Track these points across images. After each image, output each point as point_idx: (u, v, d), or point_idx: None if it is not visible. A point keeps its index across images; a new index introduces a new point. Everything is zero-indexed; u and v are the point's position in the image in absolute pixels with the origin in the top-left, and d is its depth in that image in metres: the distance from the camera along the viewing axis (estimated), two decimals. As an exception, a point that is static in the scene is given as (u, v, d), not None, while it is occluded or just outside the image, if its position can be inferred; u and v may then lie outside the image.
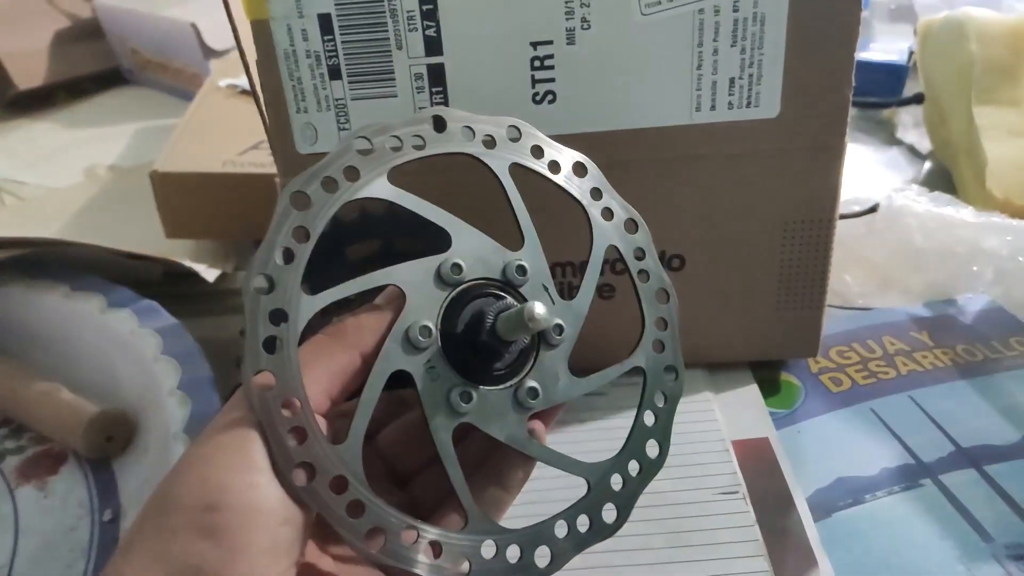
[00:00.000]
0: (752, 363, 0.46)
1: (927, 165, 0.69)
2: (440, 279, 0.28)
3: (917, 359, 0.46)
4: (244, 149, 0.60)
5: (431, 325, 0.27)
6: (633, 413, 0.32)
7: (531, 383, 0.29)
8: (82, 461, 0.45)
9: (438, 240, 0.28)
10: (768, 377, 0.45)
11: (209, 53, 0.80)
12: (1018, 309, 0.50)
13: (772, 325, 0.43)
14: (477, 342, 0.27)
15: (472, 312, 0.28)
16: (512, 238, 0.29)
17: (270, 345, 0.24)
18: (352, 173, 0.27)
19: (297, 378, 0.25)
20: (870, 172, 0.69)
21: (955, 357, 0.46)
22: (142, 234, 0.58)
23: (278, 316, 0.25)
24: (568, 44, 0.35)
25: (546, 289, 0.30)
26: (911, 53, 0.76)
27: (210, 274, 0.53)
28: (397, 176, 0.28)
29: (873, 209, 0.55)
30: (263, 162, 0.59)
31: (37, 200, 0.70)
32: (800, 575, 0.34)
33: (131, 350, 0.46)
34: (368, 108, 0.37)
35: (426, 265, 0.28)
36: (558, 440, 0.30)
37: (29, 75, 0.88)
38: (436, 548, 0.26)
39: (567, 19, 0.35)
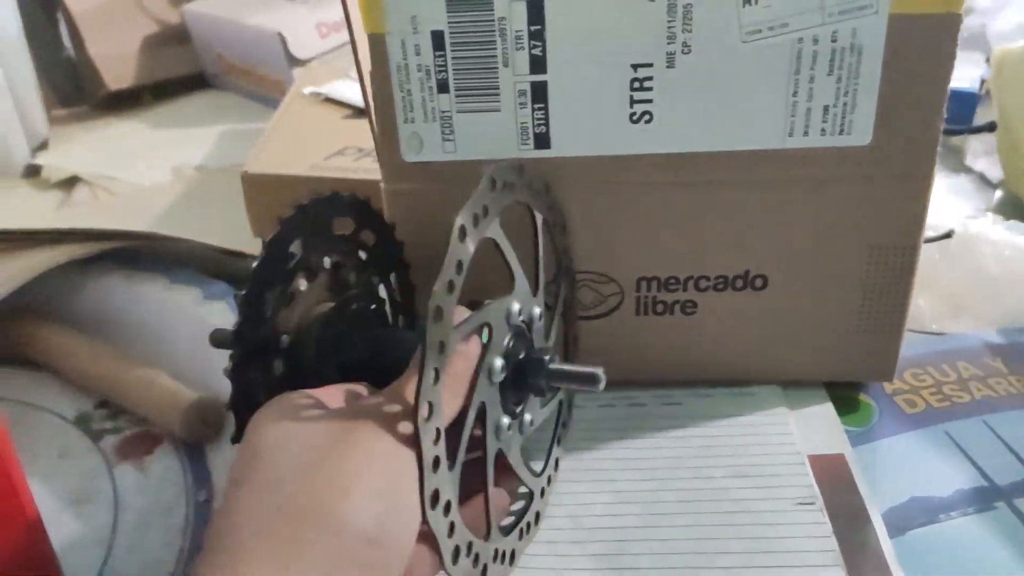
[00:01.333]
0: (827, 383, 0.46)
1: (998, 194, 0.69)
2: (507, 322, 0.32)
3: (991, 385, 0.47)
4: (329, 155, 0.63)
5: (508, 357, 0.32)
6: (711, 424, 0.38)
7: (528, 416, 0.35)
8: (177, 444, 0.47)
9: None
10: (844, 395, 0.46)
11: (293, 62, 0.84)
12: (1093, 339, 0.50)
13: (850, 347, 0.43)
14: (529, 383, 0.33)
15: (529, 357, 0.33)
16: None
17: (435, 376, 0.27)
18: (485, 211, 0.30)
19: (442, 409, 0.28)
20: (938, 199, 0.69)
21: (1030, 385, 0.47)
22: (229, 232, 0.61)
23: (442, 347, 0.27)
24: (668, 67, 0.37)
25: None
26: (983, 81, 0.76)
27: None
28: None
29: (948, 235, 0.55)
30: (348, 167, 0.61)
31: (128, 196, 0.73)
32: (877, 588, 0.35)
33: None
34: (472, 120, 0.39)
35: (503, 305, 0.32)
36: (640, 444, 0.32)
37: (119, 76, 0.92)
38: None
39: (668, 43, 0.36)
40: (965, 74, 0.78)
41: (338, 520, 0.24)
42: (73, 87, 0.94)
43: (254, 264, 0.32)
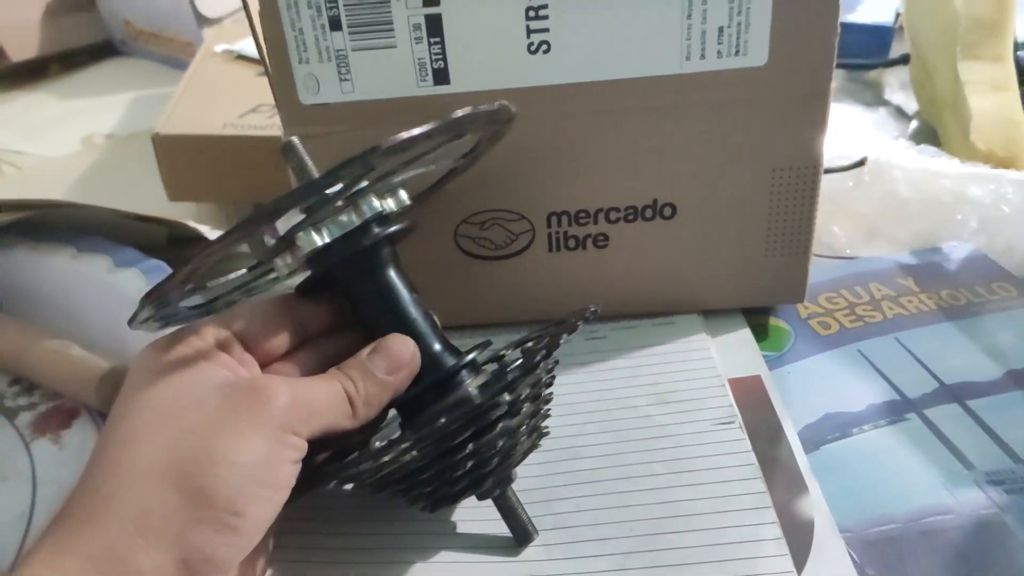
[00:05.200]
0: (744, 309, 0.47)
1: (913, 124, 0.70)
2: None
3: (903, 303, 0.48)
4: (243, 112, 0.61)
5: None
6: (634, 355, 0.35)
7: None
8: (94, 415, 0.46)
9: None
10: (759, 322, 0.47)
11: (202, 21, 0.81)
12: (1000, 256, 0.51)
13: (761, 272, 0.44)
14: None
15: None
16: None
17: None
18: None
19: None
20: (858, 132, 0.70)
21: (939, 301, 0.48)
22: (143, 200, 0.59)
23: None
24: (562, -6, 0.36)
25: None
26: (897, 15, 0.77)
27: (213, 236, 0.54)
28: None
29: (861, 163, 0.56)
30: (262, 124, 0.60)
31: (36, 169, 0.71)
32: (792, 499, 0.36)
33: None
34: (368, 59, 0.38)
35: None
36: (565, 380, 0.32)
37: (22, 47, 0.88)
38: None
39: (562, -31, 0.36)
40: (880, 8, 0.79)
41: (207, 495, 0.27)
42: (-27, 61, 0.90)
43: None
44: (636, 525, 0.35)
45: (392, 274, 0.33)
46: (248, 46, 0.70)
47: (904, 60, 0.73)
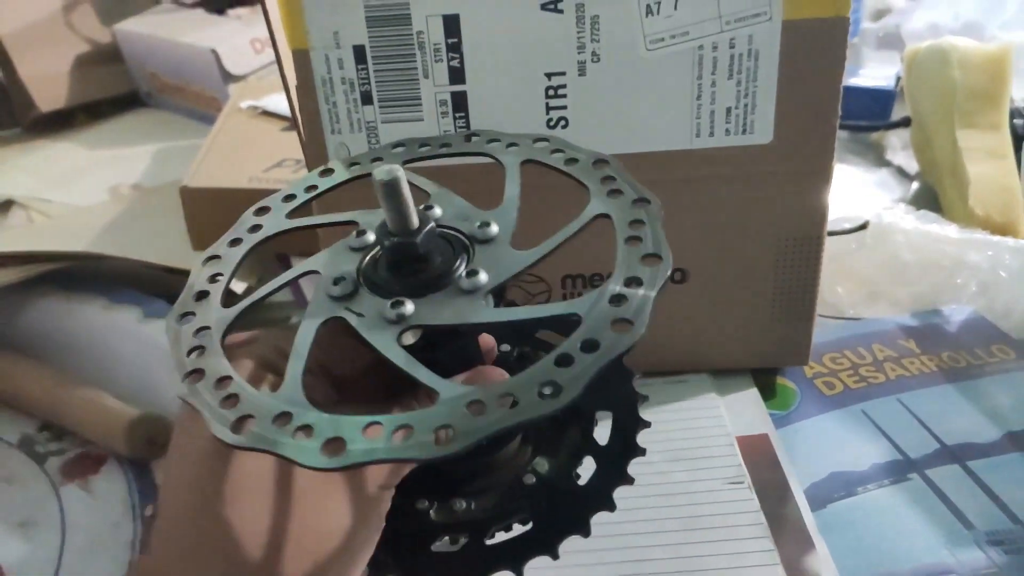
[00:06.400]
0: (752, 369, 0.49)
1: (914, 185, 0.72)
2: (350, 248, 0.29)
3: (905, 365, 0.50)
4: (268, 167, 0.64)
5: (345, 274, 0.28)
6: (648, 411, 0.34)
7: (469, 271, 0.27)
8: (122, 461, 0.48)
9: None
10: (767, 381, 0.48)
11: (228, 78, 0.84)
12: (999, 319, 0.53)
13: (767, 335, 0.46)
14: (392, 261, 0.28)
15: (379, 245, 0.29)
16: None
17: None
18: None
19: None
20: (860, 192, 0.72)
21: (940, 363, 0.49)
22: (169, 249, 0.61)
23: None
24: (580, 75, 0.39)
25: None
26: (898, 79, 0.80)
27: (238, 287, 0.56)
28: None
29: (863, 226, 0.58)
30: (287, 179, 0.62)
31: (65, 217, 0.73)
32: (800, 556, 0.37)
33: (168, 358, 0.49)
34: (396, 131, 0.40)
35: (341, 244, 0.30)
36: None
37: (51, 97, 0.91)
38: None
39: (579, 53, 0.38)
40: (882, 72, 0.82)
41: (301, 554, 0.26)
42: (4, 110, 0.93)
43: None
44: (655, 579, 0.37)
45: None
46: (272, 102, 0.73)
47: (905, 123, 0.75)
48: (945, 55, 0.66)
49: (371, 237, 0.29)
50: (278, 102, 0.72)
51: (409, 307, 0.26)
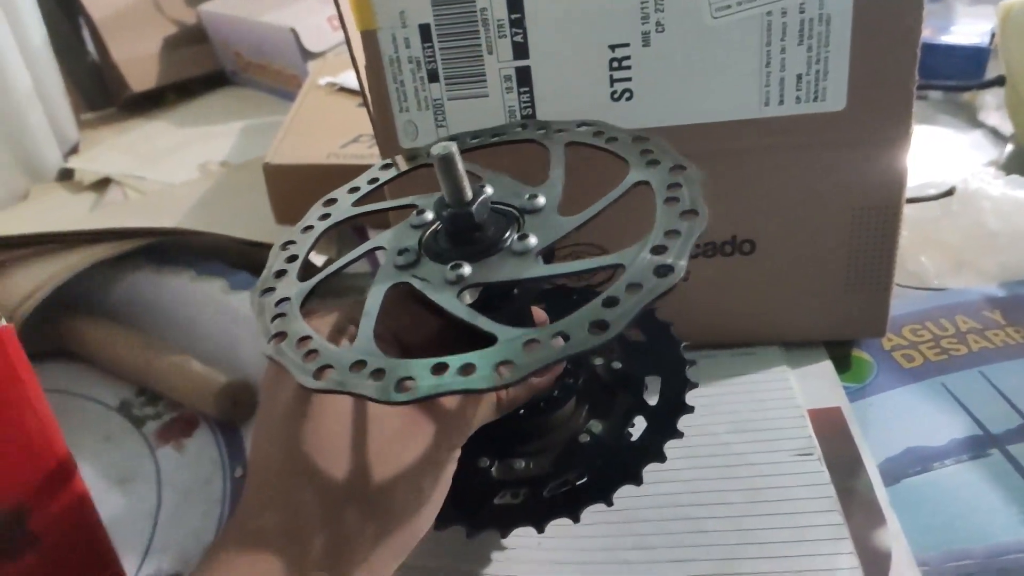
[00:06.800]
0: (826, 342, 0.48)
1: (1008, 147, 0.69)
2: (411, 226, 0.33)
3: (988, 337, 0.48)
4: (345, 143, 0.65)
5: (408, 247, 0.31)
6: (714, 384, 0.36)
7: (520, 235, 0.30)
8: (212, 424, 0.51)
9: None
10: (842, 353, 0.47)
11: (307, 55, 0.86)
12: (1094, 289, 0.50)
13: (840, 306, 0.45)
14: (451, 231, 0.30)
15: (436, 216, 0.31)
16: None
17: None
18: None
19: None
20: (952, 155, 0.69)
21: (1027, 335, 0.47)
22: (255, 223, 0.64)
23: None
24: (644, 46, 0.38)
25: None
26: (992, 35, 0.75)
27: (318, 259, 0.58)
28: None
29: (949, 192, 0.56)
30: (362, 154, 0.64)
31: (157, 194, 0.77)
32: (870, 530, 0.37)
33: (251, 326, 0.52)
34: (462, 107, 0.41)
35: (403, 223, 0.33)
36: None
37: (142, 78, 0.96)
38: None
39: (643, 23, 0.38)
40: (975, 29, 0.78)
41: (390, 517, 0.28)
42: (99, 91, 0.98)
43: None
44: (713, 550, 0.37)
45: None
46: (349, 79, 0.74)
47: (1000, 82, 0.71)
48: (1043, 9, 0.62)
49: (430, 215, 0.32)
50: (354, 78, 0.73)
51: (467, 269, 0.29)
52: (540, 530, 0.34)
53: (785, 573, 0.35)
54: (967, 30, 0.78)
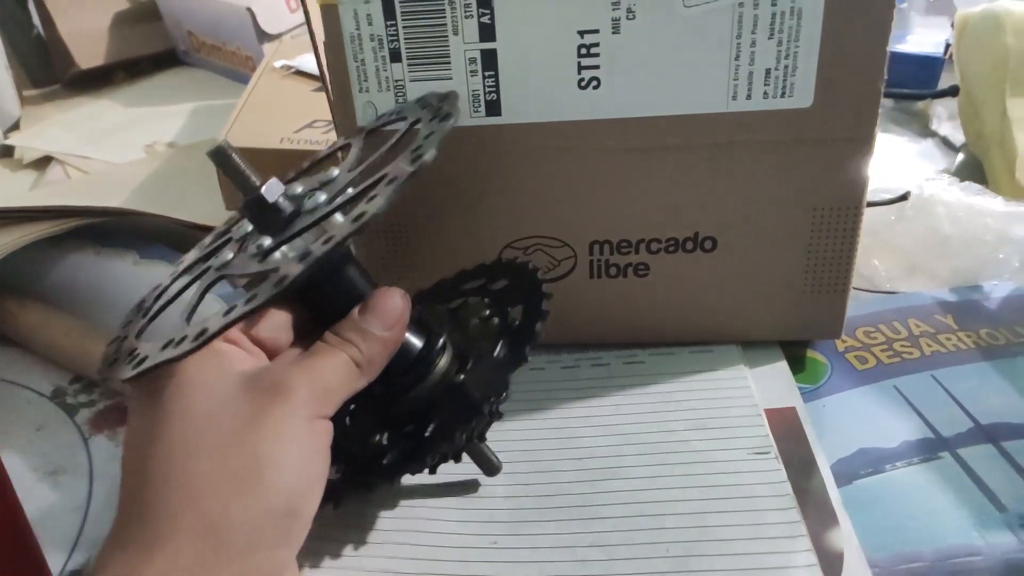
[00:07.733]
0: (782, 342, 0.48)
1: (960, 157, 0.70)
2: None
3: (941, 341, 0.48)
4: (299, 127, 0.63)
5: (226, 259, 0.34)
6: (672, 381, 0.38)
7: (308, 194, 0.33)
8: (151, 414, 0.48)
9: None
10: (796, 354, 0.47)
11: (263, 37, 0.84)
12: (1043, 296, 0.51)
13: (799, 307, 0.45)
14: (254, 220, 0.33)
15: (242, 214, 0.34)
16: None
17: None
18: None
19: None
20: (903, 162, 0.70)
21: (978, 340, 0.48)
22: (202, 207, 0.62)
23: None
24: (614, 33, 0.37)
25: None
26: (947, 46, 0.77)
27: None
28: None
29: (904, 197, 0.56)
30: (317, 139, 0.62)
31: (101, 174, 0.74)
32: (823, 531, 0.37)
33: (195, 313, 0.50)
34: (425, 89, 0.39)
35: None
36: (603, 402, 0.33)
37: (90, 55, 0.92)
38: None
39: (613, 9, 0.37)
40: (930, 39, 0.79)
41: (264, 498, 0.28)
42: (44, 66, 0.94)
43: None
44: (671, 547, 0.36)
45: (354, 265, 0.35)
46: (305, 62, 0.72)
47: (953, 92, 0.72)
48: (999, 20, 0.63)
49: (245, 229, 0.35)
50: (310, 62, 0.72)
51: (267, 240, 0.31)
52: (432, 471, 0.36)
53: (744, 570, 0.35)
54: (922, 40, 0.79)
